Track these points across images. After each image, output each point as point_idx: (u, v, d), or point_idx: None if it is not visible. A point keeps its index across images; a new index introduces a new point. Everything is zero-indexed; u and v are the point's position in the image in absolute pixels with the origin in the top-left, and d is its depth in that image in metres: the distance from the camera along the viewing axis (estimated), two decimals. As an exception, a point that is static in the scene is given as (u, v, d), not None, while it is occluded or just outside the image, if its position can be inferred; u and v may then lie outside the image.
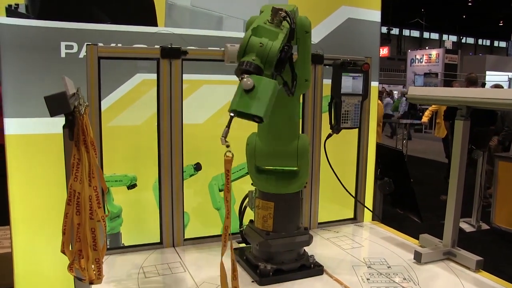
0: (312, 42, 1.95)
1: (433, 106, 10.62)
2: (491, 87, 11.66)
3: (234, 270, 1.64)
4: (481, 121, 7.25)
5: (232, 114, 1.45)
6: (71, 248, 1.57)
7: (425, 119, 12.18)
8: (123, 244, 2.97)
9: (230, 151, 1.50)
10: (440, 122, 9.99)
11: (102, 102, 2.24)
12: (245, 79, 1.42)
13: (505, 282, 2.04)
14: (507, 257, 5.66)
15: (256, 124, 2.04)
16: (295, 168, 2.08)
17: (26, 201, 2.86)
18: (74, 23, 2.86)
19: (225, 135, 1.45)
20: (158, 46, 2.32)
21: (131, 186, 3.04)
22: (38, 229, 2.86)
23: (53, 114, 1.42)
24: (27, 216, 2.86)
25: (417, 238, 2.50)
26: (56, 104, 1.42)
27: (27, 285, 2.90)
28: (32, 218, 2.87)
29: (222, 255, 1.60)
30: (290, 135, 2.05)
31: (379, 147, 3.73)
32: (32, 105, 2.78)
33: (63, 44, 2.85)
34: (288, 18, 1.67)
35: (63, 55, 2.86)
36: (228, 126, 1.47)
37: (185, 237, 2.45)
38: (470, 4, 47.39)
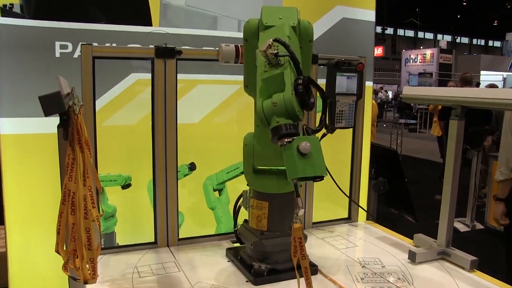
0: None
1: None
2: (486, 86, 11.67)
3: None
4: (476, 121, 7.27)
5: (295, 182, 1.42)
6: (66, 248, 1.57)
7: (431, 107, 11.99)
8: (117, 243, 2.97)
9: (300, 220, 1.47)
10: (438, 120, 9.99)
11: (97, 102, 2.24)
12: (303, 144, 1.39)
13: (499, 282, 2.05)
14: (502, 257, 5.68)
15: (252, 123, 2.05)
16: None
17: (21, 201, 2.85)
18: (68, 23, 2.85)
19: (300, 205, 1.44)
20: (152, 46, 2.31)
21: (126, 186, 3.04)
22: (32, 229, 2.85)
23: (47, 113, 1.42)
24: (21, 216, 2.86)
25: (412, 238, 2.51)
26: (51, 103, 1.42)
27: (21, 285, 2.90)
28: (27, 218, 2.87)
29: None
30: None
31: (374, 147, 3.73)
32: (26, 104, 2.77)
33: (57, 44, 2.85)
34: (280, 48, 1.57)
35: (57, 55, 2.85)
36: (298, 195, 1.44)
37: (180, 237, 2.45)
38: (464, 4, 47.50)
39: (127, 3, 3.10)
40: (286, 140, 1.43)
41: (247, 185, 2.11)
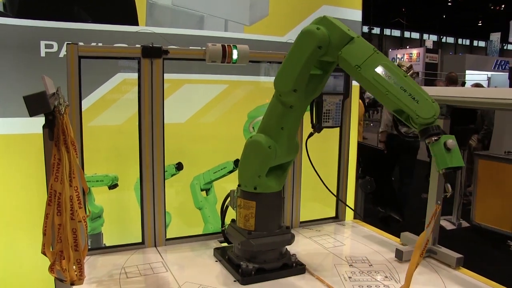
0: (291, 41, 1.94)
1: None
2: (471, 86, 11.75)
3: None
4: (461, 120, 7.31)
5: (444, 171, 1.68)
6: (52, 249, 1.56)
7: None
8: (104, 244, 2.96)
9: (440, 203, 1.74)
10: None
11: (83, 102, 2.22)
12: (450, 141, 1.68)
13: (484, 279, 2.06)
14: (487, 254, 5.72)
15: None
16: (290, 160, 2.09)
17: (6, 202, 2.83)
18: (54, 22, 2.84)
19: (450, 189, 1.72)
20: (139, 46, 2.30)
21: (113, 186, 3.02)
22: (18, 230, 2.83)
23: (32, 114, 1.41)
24: (6, 217, 2.84)
25: (399, 236, 2.52)
26: (36, 103, 1.41)
27: (7, 286, 2.88)
28: (12, 219, 2.85)
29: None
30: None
31: (361, 146, 3.75)
32: (11, 105, 2.75)
33: (42, 43, 2.83)
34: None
35: (43, 54, 2.84)
36: (447, 181, 1.72)
37: (167, 237, 2.44)
38: (450, 4, 47.78)
39: (113, 2, 3.08)
40: (434, 138, 1.69)
41: (254, 189, 2.06)
